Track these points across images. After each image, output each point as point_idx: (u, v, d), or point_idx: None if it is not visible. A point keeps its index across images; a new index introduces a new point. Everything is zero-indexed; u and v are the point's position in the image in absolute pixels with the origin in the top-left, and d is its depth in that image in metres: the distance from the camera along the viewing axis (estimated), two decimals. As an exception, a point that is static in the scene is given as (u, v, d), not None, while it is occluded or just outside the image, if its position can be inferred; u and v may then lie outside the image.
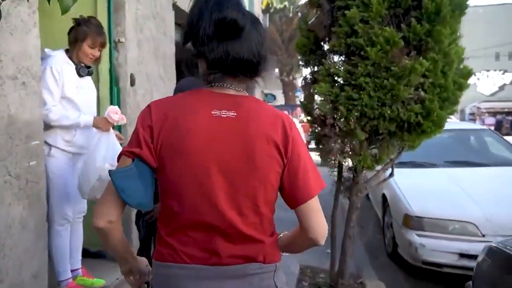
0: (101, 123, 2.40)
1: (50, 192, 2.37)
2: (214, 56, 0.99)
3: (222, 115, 1.00)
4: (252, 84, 1.09)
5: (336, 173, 3.55)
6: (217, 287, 1.00)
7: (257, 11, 10.04)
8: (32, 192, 2.10)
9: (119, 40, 3.11)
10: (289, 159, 1.03)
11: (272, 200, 1.06)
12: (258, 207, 1.02)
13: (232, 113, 1.01)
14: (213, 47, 0.98)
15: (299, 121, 16.17)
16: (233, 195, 1.00)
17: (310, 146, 12.76)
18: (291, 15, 23.73)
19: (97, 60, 2.59)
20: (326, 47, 3.28)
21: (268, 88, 25.88)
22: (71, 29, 2.45)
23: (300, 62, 3.61)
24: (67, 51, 2.46)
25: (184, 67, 1.16)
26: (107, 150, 2.29)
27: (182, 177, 0.99)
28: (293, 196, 1.06)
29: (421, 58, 2.72)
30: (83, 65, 2.49)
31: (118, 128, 2.78)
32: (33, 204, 2.11)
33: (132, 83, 3.21)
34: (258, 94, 10.31)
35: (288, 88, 25.71)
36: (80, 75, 2.48)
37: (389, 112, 2.80)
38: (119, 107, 3.15)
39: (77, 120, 2.38)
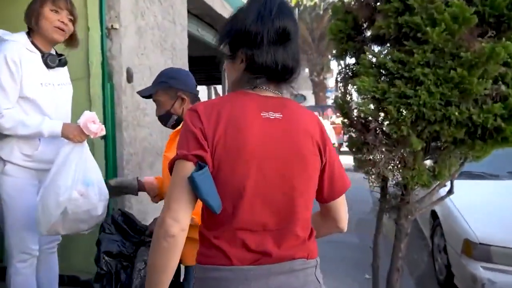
0: (73, 133, 1.81)
1: (5, 220, 1.83)
2: (263, 61, 1.01)
3: (270, 117, 1.03)
4: (285, 86, 1.11)
5: (377, 187, 2.88)
6: (264, 284, 1.01)
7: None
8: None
9: (112, 26, 2.56)
10: (327, 157, 1.10)
11: (313, 197, 1.12)
12: (307, 205, 1.08)
13: (279, 115, 1.04)
14: (266, 52, 1.01)
15: (330, 123, 15.39)
16: (289, 195, 1.03)
17: (342, 149, 11.96)
18: (321, 12, 22.90)
19: (73, 40, 1.97)
20: (368, 32, 2.61)
21: (297, 88, 25.09)
22: (29, 4, 1.86)
23: (334, 52, 2.92)
24: (28, 33, 1.87)
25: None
26: (76, 172, 1.72)
27: (239, 179, 0.99)
28: (332, 191, 1.13)
29: (503, 39, 2.00)
30: (53, 52, 1.91)
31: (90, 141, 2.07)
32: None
33: (129, 79, 2.65)
34: (287, 95, 9.65)
35: (318, 88, 24.89)
36: (48, 66, 1.88)
37: (456, 113, 2.09)
38: (113, 106, 2.60)
39: (39, 128, 1.79)
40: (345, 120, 2.82)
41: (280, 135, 1.02)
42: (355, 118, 2.68)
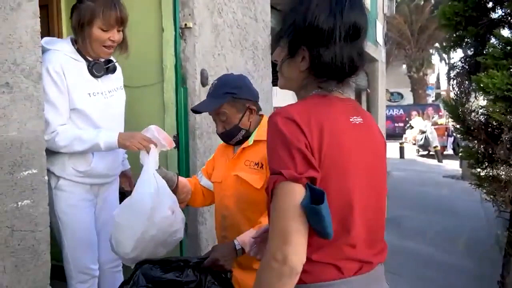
0: (130, 140, 1.61)
1: (61, 239, 1.69)
2: (331, 60, 0.93)
3: (356, 122, 0.98)
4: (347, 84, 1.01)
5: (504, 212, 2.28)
6: None
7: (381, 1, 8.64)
8: (23, 246, 1.41)
9: (185, 25, 2.34)
10: None
11: None
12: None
13: (360, 119, 0.99)
14: (335, 50, 0.92)
15: (431, 124, 13.95)
16: (380, 200, 1.02)
17: (445, 153, 10.62)
18: (422, 2, 21.05)
19: (123, 46, 1.78)
20: (498, 12, 2.02)
21: (394, 86, 23.57)
22: (72, 10, 1.69)
23: (444, 43, 2.35)
24: (74, 40, 1.71)
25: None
26: (161, 187, 1.50)
27: (346, 194, 0.93)
28: None
29: None
30: (100, 60, 1.74)
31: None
32: (26, 263, 1.42)
33: (204, 82, 2.41)
34: (382, 93, 8.89)
35: (417, 85, 22.98)
36: (94, 75, 1.72)
37: None
38: (186, 113, 2.38)
39: (95, 141, 1.62)
40: (459, 126, 2.25)
41: (366, 140, 0.99)
42: (475, 124, 2.11)
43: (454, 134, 10.70)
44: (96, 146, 1.64)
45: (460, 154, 2.35)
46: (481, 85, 1.82)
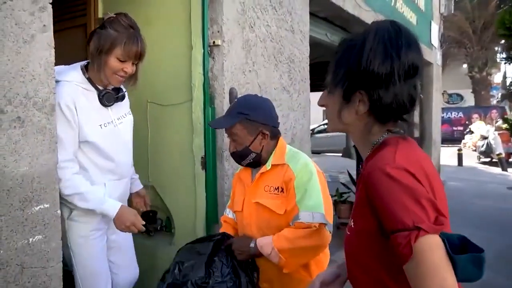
0: (129, 219, 1.65)
1: (75, 269, 1.67)
2: (393, 101, 0.91)
3: (430, 163, 0.95)
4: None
5: None
6: None
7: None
8: (33, 284, 1.38)
9: (214, 42, 2.25)
10: None
11: None
12: None
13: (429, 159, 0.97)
14: (395, 92, 0.91)
15: (495, 128, 12.89)
16: None
17: (511, 160, 9.71)
18: (486, -2, 19.60)
19: (133, 79, 1.74)
20: None
21: (452, 87, 22.16)
22: (91, 33, 1.66)
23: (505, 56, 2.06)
24: (86, 67, 1.69)
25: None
26: None
27: None
28: None
29: None
30: (109, 89, 1.71)
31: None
32: (37, 300, 1.39)
33: (232, 101, 2.31)
34: (438, 96, 8.33)
35: (479, 86, 21.46)
36: (104, 105, 1.70)
37: None
38: (214, 133, 2.30)
39: (97, 208, 1.63)
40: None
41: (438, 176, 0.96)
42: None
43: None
44: (95, 210, 1.65)
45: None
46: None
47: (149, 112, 2.56)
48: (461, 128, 17.98)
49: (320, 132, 15.23)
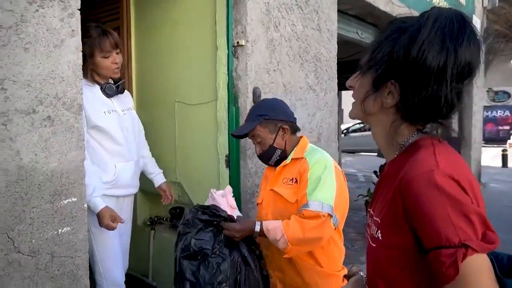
0: (110, 218, 1.81)
1: (94, 252, 1.79)
2: (430, 101, 0.81)
3: None
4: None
5: None
6: None
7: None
8: (62, 272, 1.48)
9: (238, 43, 2.29)
10: None
11: None
12: None
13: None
14: (440, 93, 0.80)
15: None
16: None
17: None
18: (537, -12, 18.43)
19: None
20: None
21: (499, 84, 21.00)
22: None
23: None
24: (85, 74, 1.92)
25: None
26: None
27: None
28: None
29: None
30: (110, 82, 1.97)
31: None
32: None
33: (256, 100, 2.34)
34: (480, 93, 7.97)
35: (529, 83, 20.19)
36: (107, 95, 1.94)
37: None
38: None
39: (88, 195, 1.74)
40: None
41: None
42: None
43: None
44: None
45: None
46: None
47: (176, 111, 2.64)
48: (507, 127, 17.08)
49: (354, 131, 14.97)
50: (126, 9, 2.82)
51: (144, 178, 2.70)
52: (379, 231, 0.85)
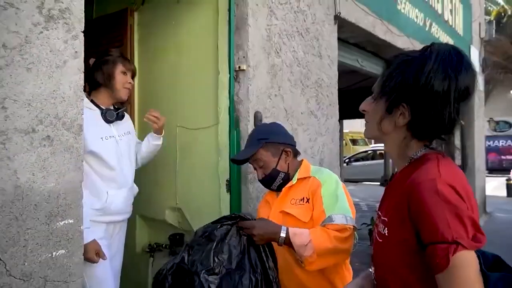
0: (91, 252, 1.76)
1: (84, 281, 1.74)
2: (438, 121, 0.97)
3: None
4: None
5: None
6: None
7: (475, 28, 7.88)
8: (55, 297, 1.43)
9: (239, 67, 2.31)
10: None
11: None
12: None
13: None
14: (445, 113, 0.95)
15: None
16: None
17: None
18: (532, 21, 18.83)
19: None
20: None
21: (500, 114, 21.12)
22: (89, 71, 1.98)
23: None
24: (88, 93, 1.99)
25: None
26: None
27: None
28: None
29: None
30: (111, 108, 2.00)
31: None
32: (58, 314, 1.43)
33: (257, 124, 2.34)
34: (480, 124, 7.99)
35: (529, 113, 20.29)
36: (107, 121, 1.97)
37: None
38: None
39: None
40: None
41: None
42: None
43: None
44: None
45: None
46: None
47: (177, 136, 2.63)
48: (510, 157, 17.03)
49: (357, 160, 14.93)
50: (129, 33, 2.88)
51: (144, 203, 2.67)
52: (385, 228, 0.98)
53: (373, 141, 26.12)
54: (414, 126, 0.99)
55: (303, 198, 1.65)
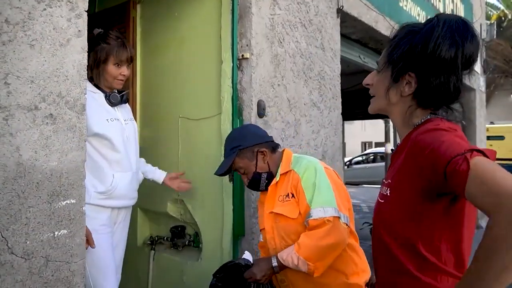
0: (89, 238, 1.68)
1: (86, 268, 1.69)
2: (446, 88, 0.99)
3: None
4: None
5: None
6: None
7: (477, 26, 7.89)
8: (56, 277, 1.40)
9: (242, 56, 2.30)
10: None
11: None
12: None
13: None
14: (451, 80, 0.98)
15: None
16: None
17: None
18: (532, 25, 18.88)
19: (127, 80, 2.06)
20: None
21: (500, 118, 21.11)
22: (89, 52, 1.92)
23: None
24: (91, 79, 1.93)
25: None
26: None
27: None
28: None
29: None
30: (115, 91, 1.96)
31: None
32: (59, 294, 1.41)
33: (260, 113, 2.32)
34: (481, 125, 7.97)
35: (530, 116, 20.27)
36: (112, 103, 1.93)
37: None
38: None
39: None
40: None
41: None
42: None
43: None
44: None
45: None
46: None
47: (180, 127, 2.62)
48: (510, 162, 16.99)
49: (357, 163, 14.90)
50: (132, 28, 2.87)
51: (145, 195, 2.64)
52: (388, 189, 1.01)
53: (373, 144, 25.98)
54: (420, 95, 1.01)
55: (288, 194, 1.67)
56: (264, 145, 1.74)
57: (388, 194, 1.00)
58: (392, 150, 1.17)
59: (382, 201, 1.03)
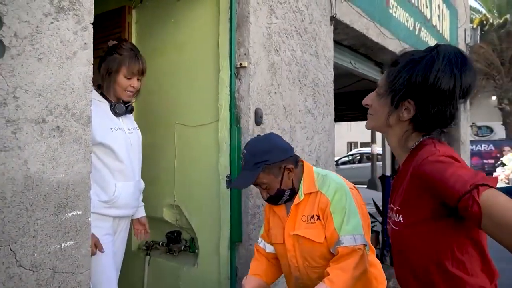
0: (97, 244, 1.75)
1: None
2: (443, 116, 1.05)
3: None
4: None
5: None
6: None
7: (461, 33, 8.09)
8: (63, 288, 1.42)
9: (240, 64, 2.34)
10: None
11: None
12: None
13: None
14: (449, 108, 1.04)
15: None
16: None
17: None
18: (513, 29, 19.36)
19: (138, 93, 2.03)
20: None
21: (482, 119, 21.64)
22: (100, 59, 1.94)
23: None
24: (98, 86, 1.95)
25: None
26: None
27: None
28: None
29: None
30: (121, 101, 1.97)
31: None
32: (65, 305, 1.42)
33: (258, 121, 2.36)
34: (465, 128, 8.16)
35: (510, 118, 20.82)
36: (116, 114, 1.93)
37: None
38: (238, 154, 2.34)
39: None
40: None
41: None
42: None
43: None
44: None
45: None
46: None
47: (176, 133, 2.64)
48: (492, 161, 17.45)
49: (344, 163, 15.07)
50: (128, 31, 2.87)
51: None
52: (400, 216, 1.06)
53: (358, 144, 26.31)
54: (418, 121, 1.08)
55: (313, 216, 1.62)
56: (290, 160, 1.67)
57: (402, 221, 1.06)
58: (392, 177, 1.23)
59: (397, 228, 1.08)
